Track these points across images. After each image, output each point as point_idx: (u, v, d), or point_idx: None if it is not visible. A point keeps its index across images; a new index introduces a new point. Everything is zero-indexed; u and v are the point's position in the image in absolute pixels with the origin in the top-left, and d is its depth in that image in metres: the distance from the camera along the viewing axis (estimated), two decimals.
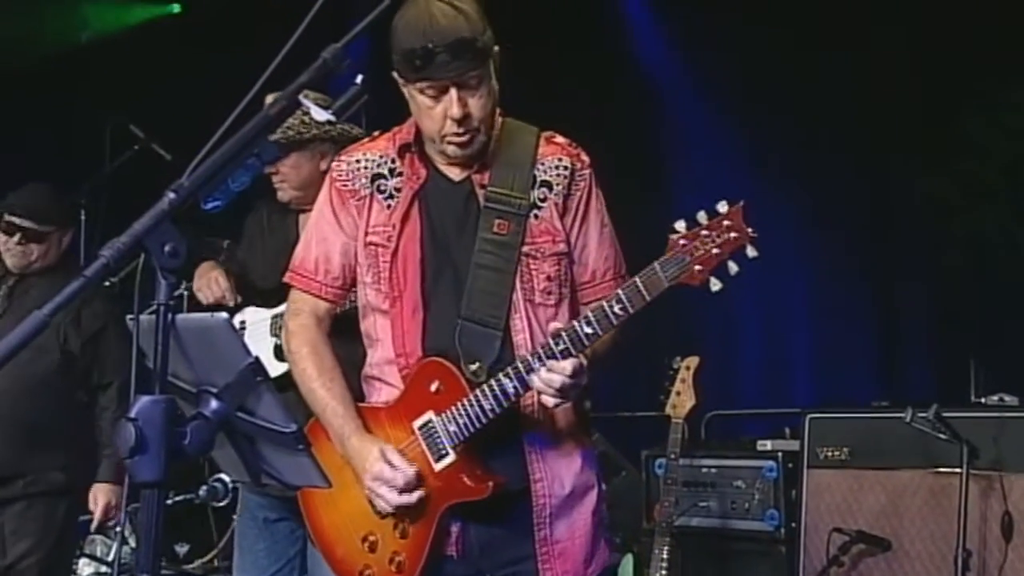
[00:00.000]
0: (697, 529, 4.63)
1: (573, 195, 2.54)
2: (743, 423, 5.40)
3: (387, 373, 2.55)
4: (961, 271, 5.18)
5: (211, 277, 3.49)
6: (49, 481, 4.10)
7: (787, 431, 4.66)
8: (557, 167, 2.53)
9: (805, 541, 4.34)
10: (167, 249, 1.66)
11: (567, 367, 2.33)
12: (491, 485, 2.41)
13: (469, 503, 2.43)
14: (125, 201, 1.65)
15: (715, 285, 2.30)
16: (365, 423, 2.53)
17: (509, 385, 2.38)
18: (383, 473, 2.44)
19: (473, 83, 2.38)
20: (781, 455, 4.51)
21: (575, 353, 2.34)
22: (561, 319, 2.49)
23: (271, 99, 1.80)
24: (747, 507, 4.55)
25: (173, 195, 1.69)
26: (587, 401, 2.66)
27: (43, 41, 6.73)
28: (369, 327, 2.59)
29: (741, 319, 5.79)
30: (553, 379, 2.33)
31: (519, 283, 2.48)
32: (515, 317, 2.47)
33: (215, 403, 1.80)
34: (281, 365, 3.04)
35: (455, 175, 2.54)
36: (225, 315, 1.85)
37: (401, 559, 2.49)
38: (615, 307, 2.32)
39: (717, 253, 2.29)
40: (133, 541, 4.45)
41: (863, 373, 5.42)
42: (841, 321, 5.54)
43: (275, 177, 3.39)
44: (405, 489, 2.43)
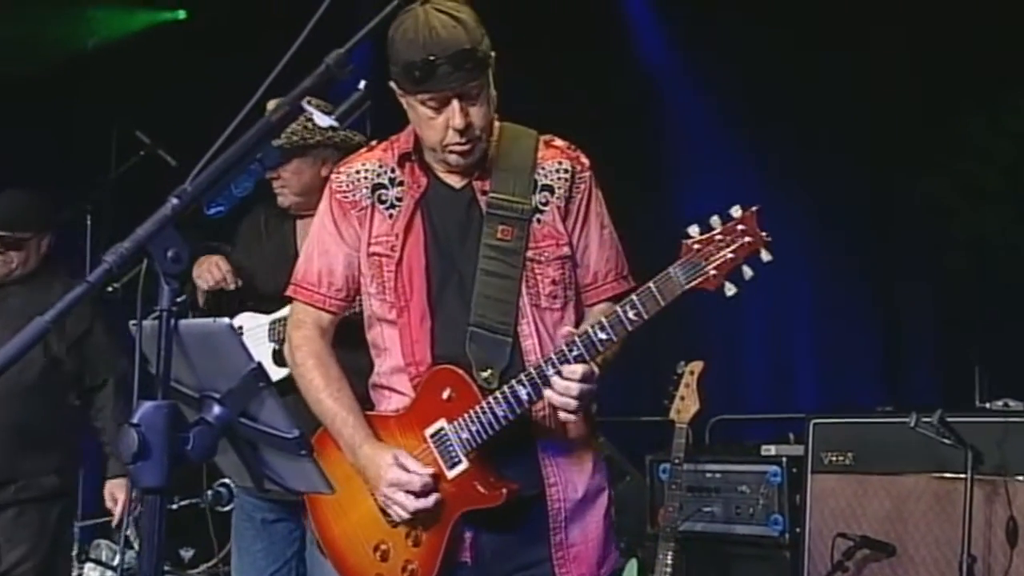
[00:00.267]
0: (701, 534, 4.63)
1: (574, 198, 2.54)
2: (747, 428, 5.39)
3: (396, 382, 2.54)
4: (964, 274, 5.17)
5: (211, 261, 3.46)
6: (41, 486, 4.09)
7: (791, 436, 4.66)
8: (558, 170, 2.53)
9: (809, 546, 4.34)
10: (170, 254, 1.65)
11: (578, 371, 2.33)
12: (505, 492, 2.40)
13: (482, 510, 2.43)
14: (131, 206, 1.66)
15: (730, 290, 2.29)
16: (375, 432, 2.52)
17: (522, 391, 2.37)
18: (400, 478, 2.43)
19: (474, 92, 2.38)
20: (785, 460, 4.52)
21: (588, 359, 2.34)
22: (567, 322, 2.49)
23: (273, 105, 1.80)
24: (751, 512, 4.55)
25: (176, 201, 1.68)
26: (594, 405, 2.65)
27: (49, 47, 6.74)
28: (376, 337, 2.58)
29: (745, 324, 5.79)
30: (570, 386, 2.33)
31: (525, 288, 2.48)
32: (522, 322, 2.47)
33: (218, 408, 1.80)
34: (280, 370, 3.04)
35: (456, 182, 2.54)
36: (228, 320, 1.86)
37: (414, 567, 2.48)
38: (629, 313, 2.31)
39: (732, 258, 2.29)
40: (138, 545, 4.46)
41: (867, 378, 5.41)
42: (845, 326, 5.53)
43: (276, 183, 3.39)
44: (422, 493, 2.42)
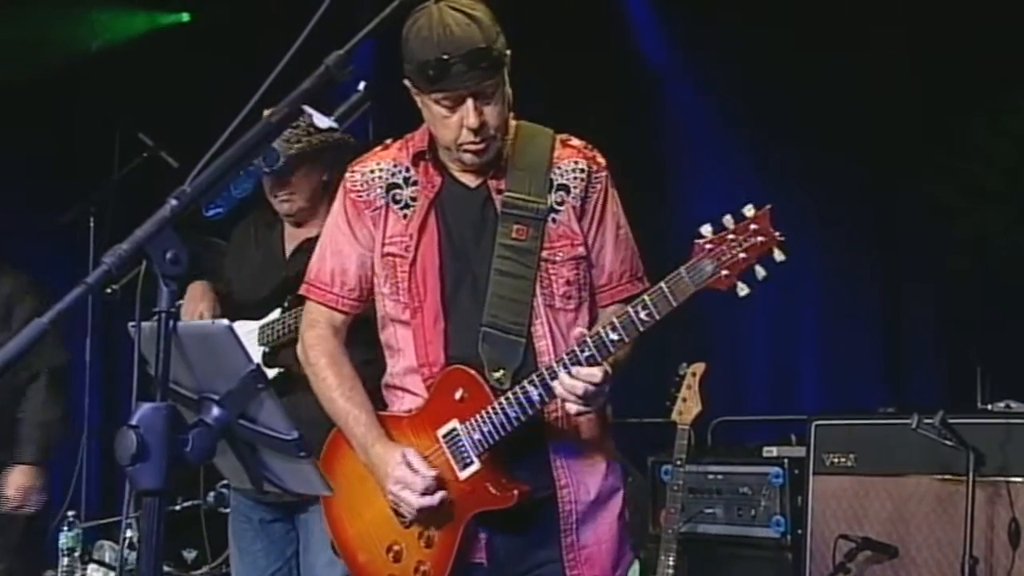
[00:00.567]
0: (703, 536, 4.63)
1: (590, 198, 2.52)
2: (749, 429, 5.39)
3: (409, 382, 2.54)
4: (966, 275, 5.16)
5: (194, 298, 3.53)
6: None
7: (793, 437, 4.66)
8: (574, 170, 2.52)
9: (811, 548, 4.33)
10: (169, 256, 1.65)
11: (595, 374, 2.31)
12: (516, 494, 2.40)
13: (495, 511, 2.42)
14: (133, 208, 1.66)
15: (743, 290, 2.27)
16: (388, 432, 2.52)
17: (534, 392, 2.36)
18: (405, 477, 2.43)
19: (489, 91, 2.37)
20: (787, 461, 4.51)
21: (600, 360, 2.33)
22: (581, 323, 2.48)
23: (268, 114, 1.80)
24: (753, 514, 4.55)
25: (175, 202, 1.68)
26: (608, 407, 2.62)
27: (52, 49, 6.75)
28: (389, 337, 2.58)
29: (746, 325, 5.78)
30: (576, 385, 2.32)
31: (539, 288, 2.47)
32: (536, 323, 2.46)
33: (217, 410, 1.80)
34: (269, 371, 3.07)
35: (471, 181, 2.53)
36: (226, 322, 1.86)
37: (426, 568, 2.48)
38: (641, 313, 2.30)
39: (744, 257, 2.26)
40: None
41: (869, 379, 5.40)
42: (847, 327, 5.52)
43: (283, 191, 3.39)
44: (426, 492, 2.42)
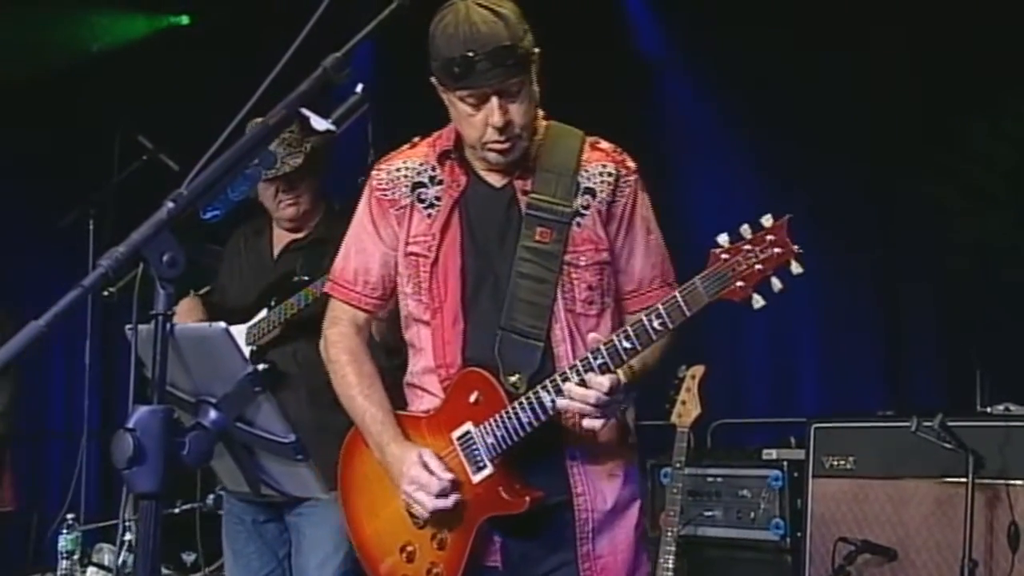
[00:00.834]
0: (702, 538, 4.63)
1: (617, 202, 2.49)
2: (749, 432, 5.39)
3: (428, 382, 2.53)
4: (966, 278, 5.16)
5: (184, 314, 3.59)
6: None
7: (792, 440, 4.65)
8: (601, 173, 2.49)
9: (810, 550, 4.33)
10: (166, 259, 1.65)
11: (604, 383, 2.28)
12: (528, 500, 2.38)
13: (509, 516, 2.40)
14: (133, 211, 1.67)
15: (758, 302, 2.22)
16: (405, 432, 2.51)
17: (547, 398, 2.33)
18: (419, 477, 2.41)
19: (514, 90, 2.35)
20: (786, 464, 4.51)
21: (613, 368, 2.30)
22: (603, 329, 2.45)
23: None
24: (752, 516, 4.54)
25: (172, 205, 1.69)
26: (631, 412, 2.59)
27: (53, 51, 6.76)
28: (412, 336, 2.56)
29: (746, 328, 5.78)
30: (588, 395, 2.29)
31: (560, 293, 2.44)
32: (556, 327, 2.44)
33: (214, 413, 1.81)
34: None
35: (496, 181, 2.50)
36: (223, 324, 1.86)
37: (439, 571, 2.47)
38: (654, 322, 2.26)
39: (760, 269, 2.21)
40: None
41: (869, 382, 5.40)
42: (846, 329, 5.52)
43: (289, 196, 3.48)
44: (441, 494, 2.40)
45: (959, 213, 5.25)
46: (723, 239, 2.24)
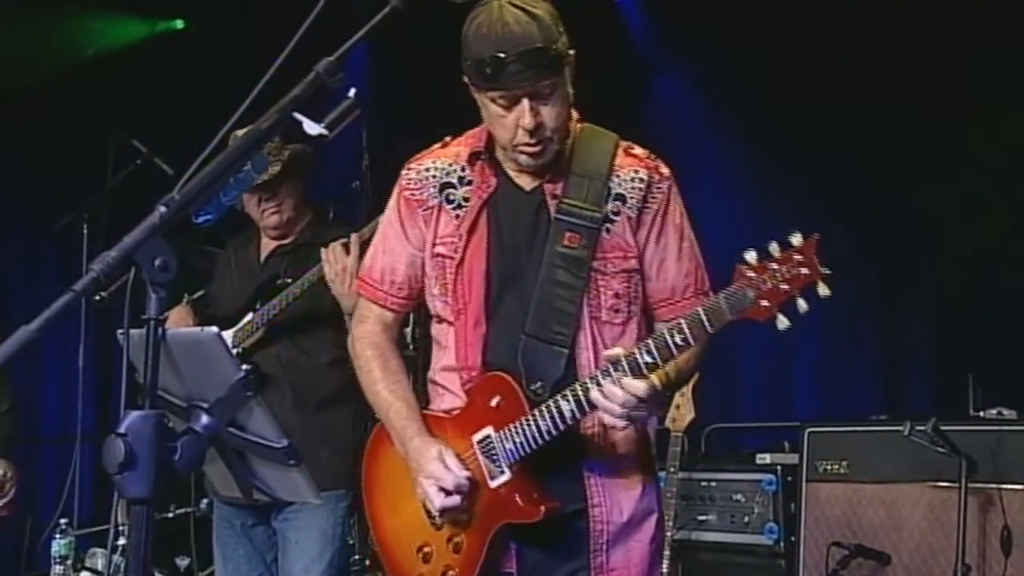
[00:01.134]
0: (696, 543, 4.63)
1: (648, 209, 2.45)
2: (743, 436, 5.39)
3: (449, 381, 2.52)
4: (961, 284, 5.17)
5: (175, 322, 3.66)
6: None
7: (786, 444, 4.66)
8: (633, 179, 2.45)
9: (804, 555, 4.34)
10: (157, 263, 1.65)
11: (640, 388, 2.24)
12: (543, 509, 2.37)
13: (527, 524, 2.39)
14: (127, 216, 1.66)
15: (782, 323, 2.16)
16: (429, 430, 2.50)
17: (567, 407, 2.31)
18: (435, 472, 2.40)
19: (546, 92, 2.31)
20: (780, 468, 4.52)
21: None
22: (628, 338, 2.43)
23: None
24: (746, 520, 4.55)
25: (164, 209, 1.68)
26: (652, 424, 2.57)
27: (47, 56, 6.75)
28: (438, 333, 2.55)
29: (740, 333, 5.76)
30: (616, 394, 2.25)
31: (586, 300, 2.41)
32: (580, 335, 2.41)
33: (206, 418, 1.80)
34: None
35: (527, 184, 2.47)
36: (215, 329, 1.86)
37: (454, 573, 2.47)
38: (676, 337, 2.22)
39: (786, 289, 2.16)
40: None
41: (863, 386, 5.40)
42: (841, 334, 5.52)
43: (269, 204, 3.53)
44: (453, 492, 2.39)
45: (954, 220, 5.26)
46: (750, 256, 2.19)
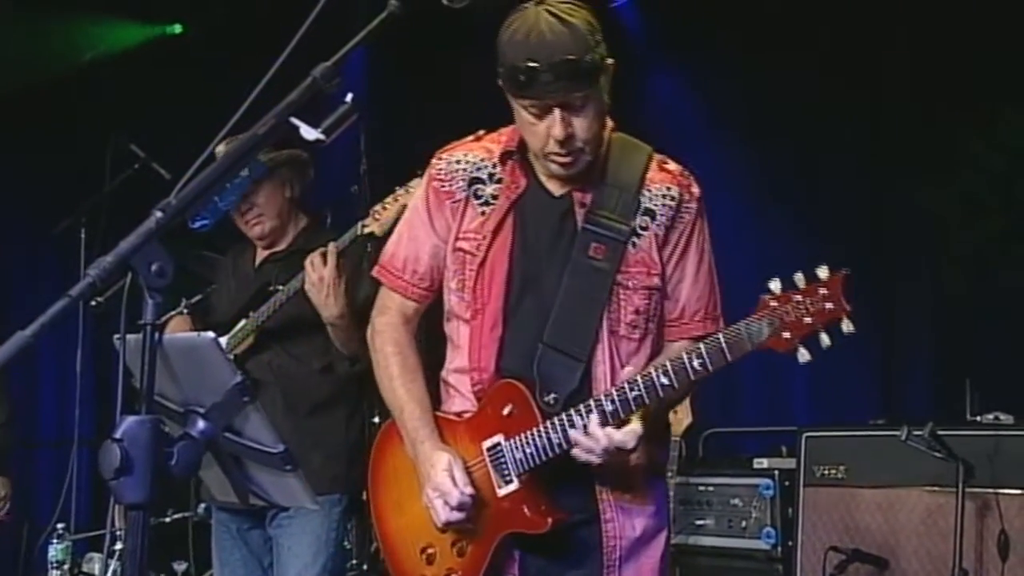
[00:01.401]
0: (694, 547, 4.63)
1: (675, 227, 2.42)
2: (740, 441, 5.39)
3: (459, 382, 2.50)
4: (959, 288, 5.18)
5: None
6: None
7: (784, 449, 4.66)
8: (664, 196, 2.42)
9: (801, 559, 4.34)
10: (154, 268, 1.64)
11: (627, 443, 2.25)
12: (550, 521, 2.35)
13: (534, 534, 2.37)
14: (125, 220, 1.67)
15: (803, 357, 2.15)
16: (441, 433, 2.48)
17: (579, 422, 2.29)
18: (442, 485, 2.38)
19: (578, 103, 2.28)
20: (778, 473, 4.52)
21: (647, 401, 2.26)
22: (643, 355, 2.41)
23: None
24: (744, 525, 4.55)
25: (160, 214, 1.68)
26: (667, 447, 2.58)
27: (45, 60, 6.76)
28: (452, 331, 2.53)
29: None
30: (594, 448, 2.26)
31: (606, 313, 2.38)
32: (598, 348, 2.38)
33: (202, 423, 1.80)
34: None
35: (556, 189, 2.44)
36: (212, 334, 1.86)
37: None
38: (695, 362, 2.22)
39: (809, 323, 2.14)
40: None
41: (860, 391, 5.40)
42: (838, 339, 5.52)
43: (250, 215, 3.57)
44: (457, 508, 2.38)
45: (953, 223, 5.26)
46: (775, 286, 2.18)
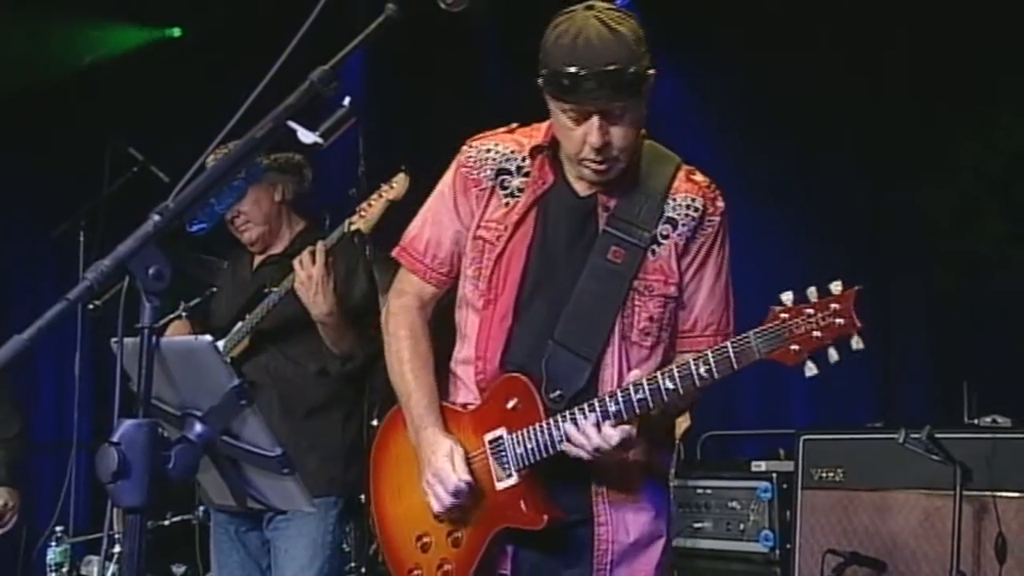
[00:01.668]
0: (692, 550, 4.63)
1: (696, 239, 2.43)
2: (738, 444, 5.39)
3: (464, 373, 2.51)
4: (956, 291, 5.18)
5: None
6: None
7: (782, 452, 4.67)
8: (688, 206, 2.43)
9: (799, 562, 4.34)
10: (151, 272, 1.65)
11: (614, 438, 2.25)
12: (546, 518, 2.35)
13: (528, 531, 2.38)
14: (124, 223, 1.67)
15: (810, 370, 2.14)
16: (446, 423, 2.48)
17: (582, 420, 2.29)
18: (440, 471, 2.39)
19: (618, 112, 2.28)
20: (776, 476, 4.52)
21: (651, 405, 2.26)
22: (652, 363, 2.41)
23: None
24: (742, 528, 4.55)
25: (158, 218, 1.68)
26: (671, 453, 2.57)
27: (44, 64, 6.77)
28: (461, 320, 2.53)
29: None
30: (584, 444, 2.27)
31: (620, 317, 2.38)
32: (608, 351, 2.39)
33: (200, 426, 1.80)
34: None
35: (582, 190, 2.44)
36: (209, 337, 1.87)
37: (449, 568, 2.46)
38: (701, 369, 2.22)
39: (818, 337, 2.13)
40: None
41: (858, 394, 5.41)
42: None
43: (238, 220, 3.62)
44: (453, 495, 2.39)
45: (949, 226, 5.27)
46: (787, 297, 2.17)
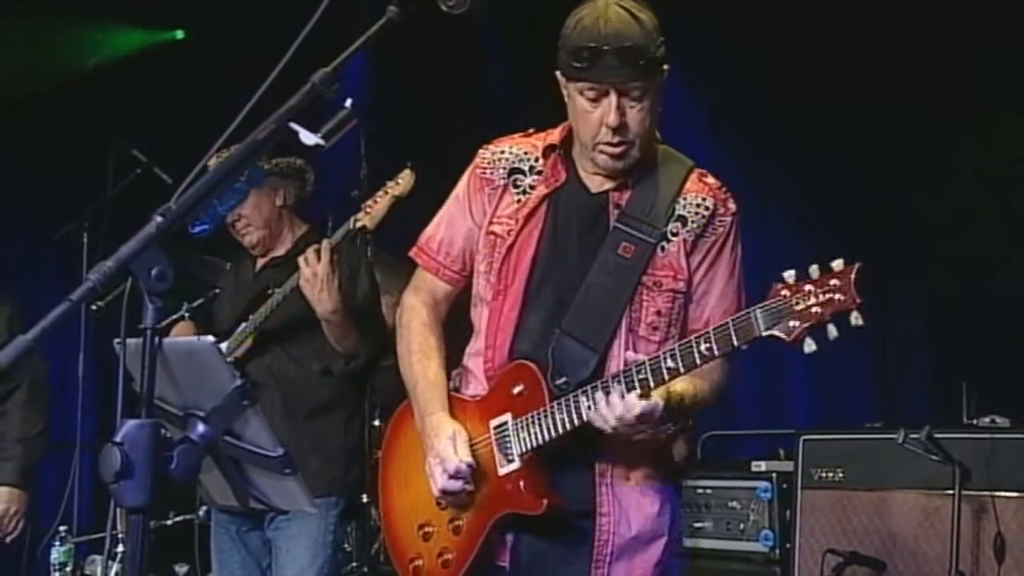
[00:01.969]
0: (692, 550, 4.63)
1: (706, 237, 2.46)
2: (738, 444, 5.41)
3: (474, 365, 2.54)
4: (955, 292, 5.19)
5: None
6: None
7: (781, 452, 4.68)
8: (698, 205, 2.46)
9: (799, 562, 4.34)
10: (154, 273, 1.66)
11: (635, 408, 2.24)
12: (545, 503, 2.36)
13: (529, 518, 2.39)
14: (127, 224, 1.69)
15: (809, 346, 2.14)
16: (452, 412, 2.51)
17: (584, 403, 2.31)
18: (443, 451, 2.42)
19: (635, 94, 2.33)
20: (775, 476, 4.52)
21: (652, 384, 2.26)
22: None
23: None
24: (742, 528, 4.56)
25: (160, 219, 1.70)
26: (680, 447, 2.54)
27: (48, 67, 6.79)
28: (476, 316, 2.57)
29: None
30: (608, 417, 2.26)
31: (628, 310, 2.41)
32: (615, 343, 2.40)
33: (202, 427, 1.81)
34: None
35: (594, 186, 2.48)
36: (212, 338, 1.88)
37: (449, 557, 2.48)
38: (702, 346, 2.22)
39: (817, 312, 2.13)
40: None
41: (858, 394, 5.42)
42: (835, 342, 5.53)
43: (239, 224, 3.64)
44: (454, 476, 2.40)
45: (949, 226, 5.28)
46: (789, 275, 2.17)
